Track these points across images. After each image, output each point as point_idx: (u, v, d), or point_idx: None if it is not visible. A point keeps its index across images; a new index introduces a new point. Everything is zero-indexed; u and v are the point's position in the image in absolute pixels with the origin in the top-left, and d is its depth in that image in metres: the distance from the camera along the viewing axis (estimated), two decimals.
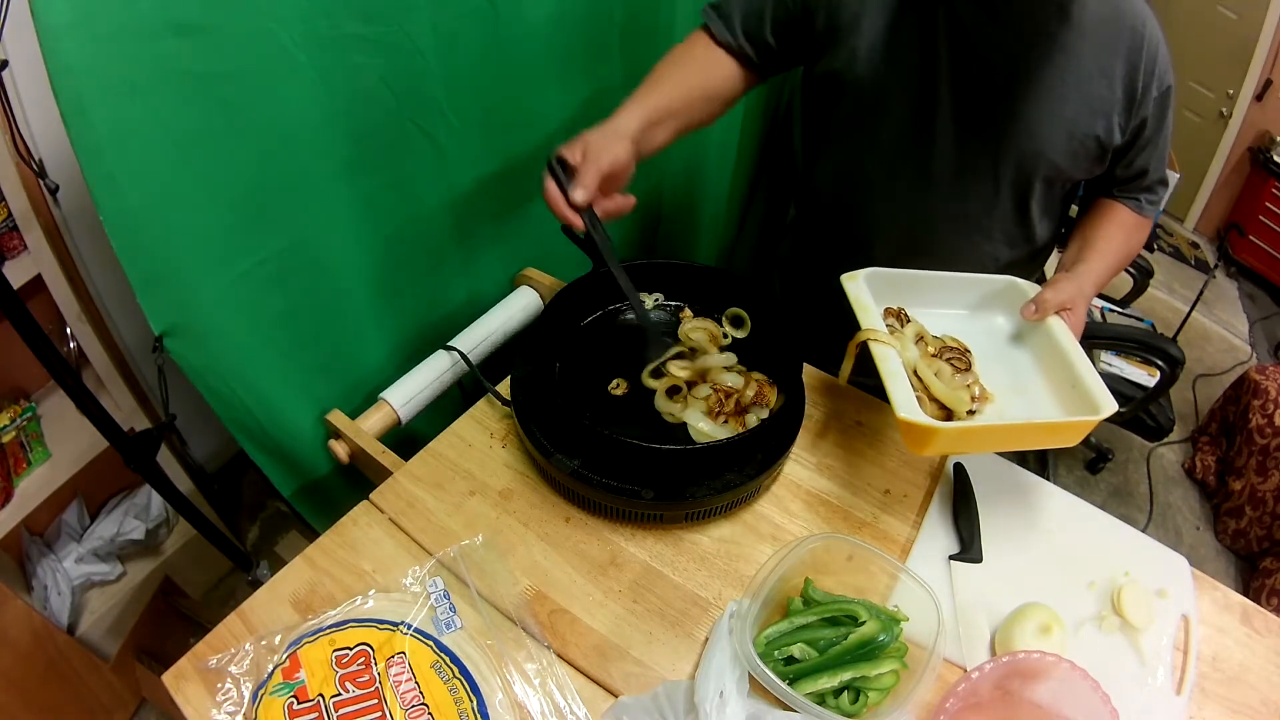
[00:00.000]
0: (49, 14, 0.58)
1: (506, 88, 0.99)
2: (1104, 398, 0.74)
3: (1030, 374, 0.84)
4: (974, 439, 0.77)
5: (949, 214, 0.94)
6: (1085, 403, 0.76)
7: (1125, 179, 0.93)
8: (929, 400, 0.76)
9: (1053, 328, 0.83)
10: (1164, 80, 0.85)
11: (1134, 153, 0.90)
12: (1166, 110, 0.88)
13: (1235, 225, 2.85)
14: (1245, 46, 2.57)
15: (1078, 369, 0.78)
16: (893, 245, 0.98)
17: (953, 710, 0.63)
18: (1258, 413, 1.91)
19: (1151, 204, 0.95)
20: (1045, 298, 0.83)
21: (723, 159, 1.43)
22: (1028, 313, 0.84)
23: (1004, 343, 0.88)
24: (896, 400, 0.71)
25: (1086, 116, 0.85)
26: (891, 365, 0.75)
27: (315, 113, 0.80)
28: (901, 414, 0.70)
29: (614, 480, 0.77)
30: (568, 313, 0.93)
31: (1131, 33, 0.82)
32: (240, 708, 0.63)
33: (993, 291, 0.89)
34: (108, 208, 0.68)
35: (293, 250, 0.87)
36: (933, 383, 0.77)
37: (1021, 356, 0.86)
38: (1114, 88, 0.84)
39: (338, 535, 0.77)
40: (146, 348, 0.83)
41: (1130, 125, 0.86)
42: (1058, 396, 0.81)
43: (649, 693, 0.65)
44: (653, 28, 1.16)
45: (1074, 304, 0.84)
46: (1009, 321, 0.89)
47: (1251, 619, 0.79)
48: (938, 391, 0.76)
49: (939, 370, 0.79)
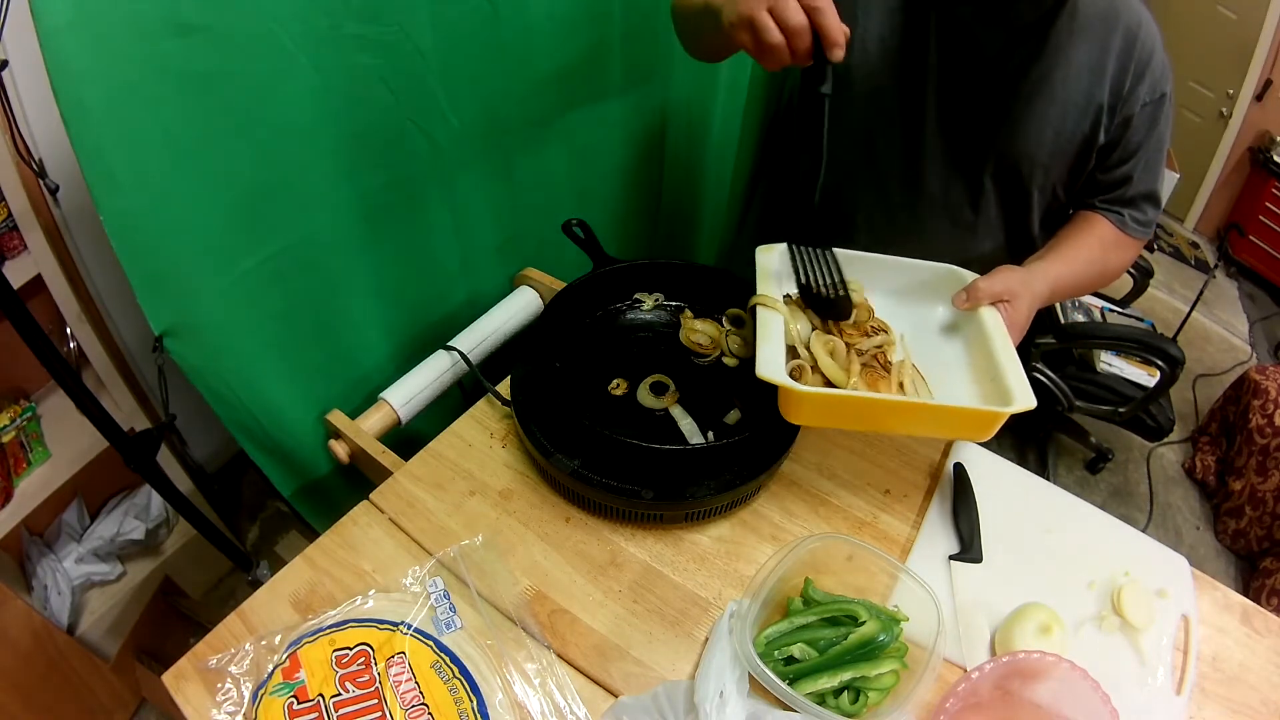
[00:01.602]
0: (49, 14, 0.58)
1: (506, 88, 0.99)
2: (1020, 391, 0.70)
3: (955, 366, 0.80)
4: (843, 410, 0.71)
5: (936, 209, 0.94)
6: (1000, 396, 0.72)
7: (1107, 184, 0.91)
8: (813, 372, 0.73)
9: (984, 318, 0.79)
10: (1157, 87, 0.83)
11: (1116, 155, 0.88)
12: (1159, 119, 0.85)
13: (1235, 225, 2.85)
14: (1245, 46, 2.57)
15: (1000, 360, 0.74)
16: (881, 240, 0.98)
17: (953, 710, 0.63)
18: (1258, 413, 1.91)
19: (1138, 223, 0.92)
20: (979, 285, 0.80)
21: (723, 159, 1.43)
22: (958, 300, 0.82)
23: (935, 332, 0.84)
24: (760, 358, 0.69)
25: (1074, 114, 0.84)
26: (769, 329, 0.73)
27: (315, 113, 0.80)
28: (761, 372, 0.67)
29: (614, 480, 0.77)
30: (568, 313, 0.93)
31: (1126, 32, 0.81)
32: (240, 708, 0.63)
33: (934, 278, 0.85)
34: (108, 208, 0.68)
35: (293, 250, 0.87)
36: (820, 356, 0.73)
37: (950, 348, 0.82)
38: (1103, 86, 0.83)
39: (338, 535, 0.77)
40: (146, 348, 0.83)
41: (1114, 123, 0.84)
42: (978, 389, 0.77)
43: (649, 693, 0.65)
44: (653, 27, 1.16)
45: (1013, 296, 0.81)
46: (946, 311, 0.85)
47: (1251, 619, 0.79)
48: (823, 364, 0.73)
49: (834, 347, 0.75)
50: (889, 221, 0.97)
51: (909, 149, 0.90)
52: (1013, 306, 0.81)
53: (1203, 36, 2.64)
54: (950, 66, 0.84)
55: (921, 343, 0.83)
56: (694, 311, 0.97)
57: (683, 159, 1.38)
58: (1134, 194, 0.91)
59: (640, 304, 0.98)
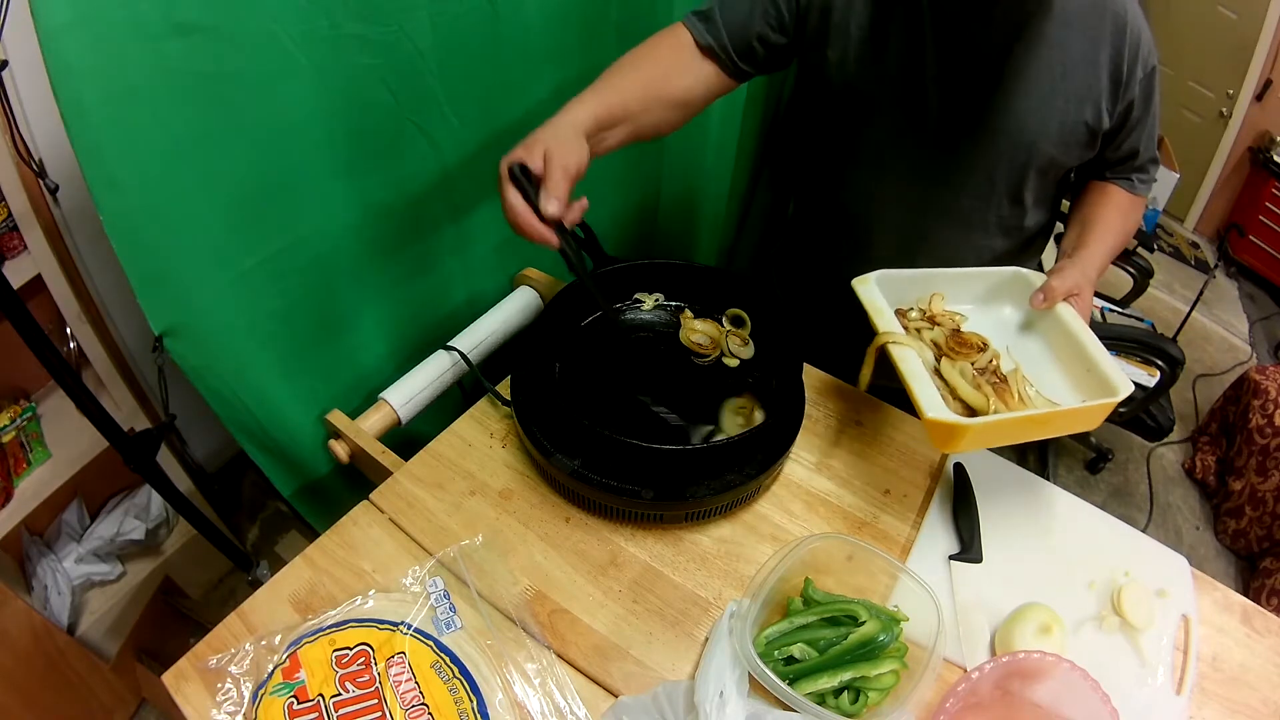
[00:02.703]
0: (49, 14, 0.58)
1: (506, 87, 0.99)
2: (1119, 379, 0.75)
3: (1044, 362, 0.84)
4: (1000, 432, 0.76)
5: (943, 209, 0.95)
6: (1101, 385, 0.77)
7: (1116, 160, 0.95)
8: (953, 399, 0.76)
9: (1062, 314, 0.83)
10: (1148, 62, 0.86)
11: (1123, 135, 0.91)
12: (1152, 91, 0.89)
13: (1235, 225, 2.85)
14: (1245, 46, 2.57)
15: (1091, 353, 0.79)
16: (889, 242, 0.98)
17: (953, 710, 0.63)
18: (1258, 413, 1.91)
19: (1144, 183, 0.97)
20: (1052, 285, 0.83)
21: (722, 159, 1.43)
22: (1036, 302, 0.84)
23: (1014, 333, 0.88)
24: (923, 401, 0.72)
25: (1075, 105, 0.86)
26: (913, 366, 0.75)
27: (315, 112, 0.80)
28: (930, 414, 0.71)
29: (614, 480, 0.77)
30: (568, 313, 0.93)
31: (1114, 19, 0.83)
32: (240, 708, 0.63)
33: (1000, 283, 0.89)
34: (108, 208, 0.68)
35: (292, 250, 0.87)
36: (958, 383, 0.77)
37: (1033, 345, 0.86)
38: (1100, 75, 0.85)
39: (338, 535, 0.77)
40: (146, 348, 0.83)
41: (1117, 109, 0.87)
42: (1073, 381, 0.81)
43: (649, 693, 0.65)
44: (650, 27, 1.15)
45: (1080, 289, 0.85)
46: (1017, 311, 0.89)
47: (1251, 619, 0.79)
48: (963, 392, 0.76)
49: (962, 369, 0.78)
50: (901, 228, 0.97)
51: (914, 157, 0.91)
52: (1080, 299, 0.85)
53: (1203, 36, 2.64)
54: (949, 73, 0.85)
55: (1007, 344, 0.86)
56: (694, 311, 0.97)
57: (683, 159, 1.38)
58: (1140, 162, 0.95)
59: (640, 304, 0.98)
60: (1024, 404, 0.77)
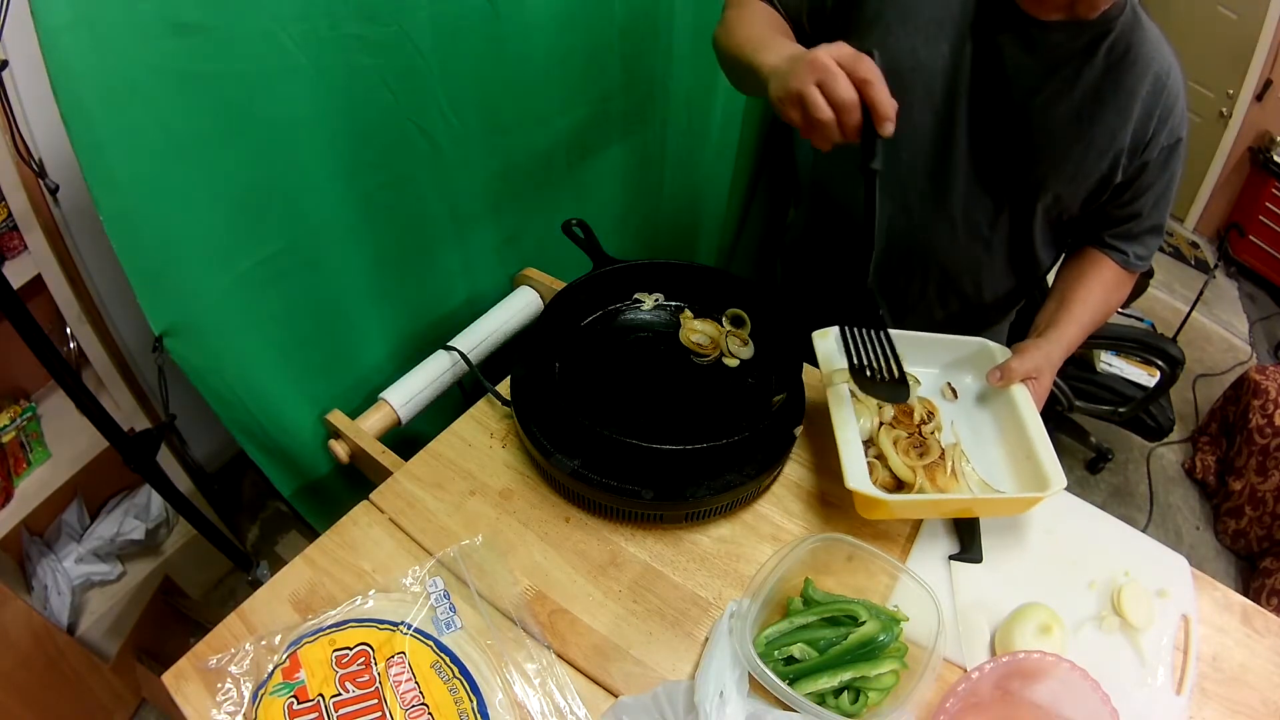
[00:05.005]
0: (49, 14, 0.58)
1: (506, 88, 0.99)
2: (1055, 474, 0.77)
3: (989, 439, 0.86)
4: (920, 508, 0.80)
5: (954, 223, 0.94)
6: (1036, 476, 0.78)
7: (1118, 220, 0.93)
8: (882, 467, 0.79)
9: (1016, 396, 0.85)
10: (1175, 132, 0.86)
11: (1129, 194, 0.90)
12: (1172, 160, 0.88)
13: (1235, 225, 2.85)
14: (1245, 46, 2.57)
15: (1034, 441, 0.81)
16: (898, 249, 0.97)
17: (953, 710, 0.63)
18: (1258, 413, 1.91)
19: (1140, 259, 0.94)
20: (1011, 366, 0.85)
21: (723, 159, 1.43)
22: (993, 379, 0.86)
23: (970, 402, 0.90)
24: (847, 470, 0.74)
25: (1095, 155, 0.84)
26: (845, 433, 0.78)
27: (315, 113, 0.80)
28: (850, 484, 0.73)
29: (614, 480, 0.77)
30: (568, 313, 0.93)
31: (1155, 79, 0.82)
32: (240, 708, 0.63)
33: (966, 354, 0.91)
34: (108, 208, 0.69)
35: (292, 250, 0.87)
36: (890, 454, 0.79)
37: (984, 418, 0.88)
38: (1126, 130, 0.83)
39: (338, 535, 0.77)
40: (146, 348, 0.83)
41: (1131, 165, 0.86)
42: (1013, 466, 0.83)
43: (649, 693, 0.65)
44: (653, 27, 1.16)
45: (1039, 373, 0.86)
46: (976, 382, 0.91)
47: (1251, 619, 0.79)
48: (893, 463, 0.79)
49: (897, 439, 0.81)
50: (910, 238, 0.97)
51: (938, 168, 0.90)
52: (1039, 382, 0.87)
53: (1203, 36, 2.64)
54: (982, 93, 0.84)
55: (959, 412, 0.89)
56: (694, 311, 0.97)
57: (683, 159, 1.38)
58: (1141, 229, 0.93)
59: (640, 304, 0.98)
60: (955, 480, 0.80)
